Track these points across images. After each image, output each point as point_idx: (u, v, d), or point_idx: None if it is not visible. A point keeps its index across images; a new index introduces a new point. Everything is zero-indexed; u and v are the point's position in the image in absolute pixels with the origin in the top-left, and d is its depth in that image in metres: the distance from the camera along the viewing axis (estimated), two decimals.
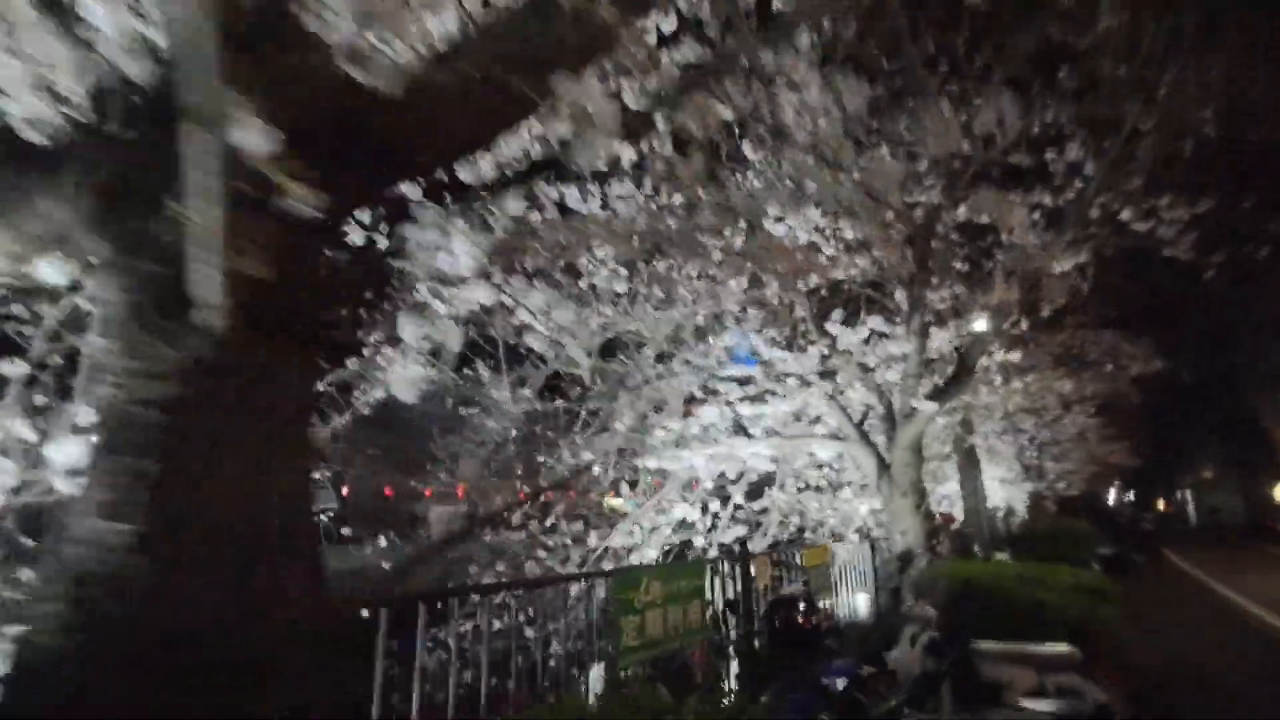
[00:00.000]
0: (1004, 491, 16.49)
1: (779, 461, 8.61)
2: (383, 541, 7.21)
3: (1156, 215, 5.80)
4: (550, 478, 7.01)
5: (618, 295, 5.11)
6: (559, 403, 6.75)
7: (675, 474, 6.82)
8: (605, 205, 4.11)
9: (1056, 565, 6.12)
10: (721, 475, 7.62)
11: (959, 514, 9.94)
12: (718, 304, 5.30)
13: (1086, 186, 5.66)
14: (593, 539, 6.52)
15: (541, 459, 7.13)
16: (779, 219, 4.65)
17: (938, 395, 6.03)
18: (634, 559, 6.29)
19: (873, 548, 6.41)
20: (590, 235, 3.70)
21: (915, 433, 6.19)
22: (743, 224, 4.30)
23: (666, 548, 7.01)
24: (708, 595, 3.74)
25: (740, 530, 7.50)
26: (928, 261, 5.78)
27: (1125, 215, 5.75)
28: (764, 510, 8.82)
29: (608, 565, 6.21)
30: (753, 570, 4.02)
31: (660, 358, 6.21)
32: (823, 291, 7.01)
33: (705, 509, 7.02)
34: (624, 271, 4.70)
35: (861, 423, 7.09)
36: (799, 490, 9.42)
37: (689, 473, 6.63)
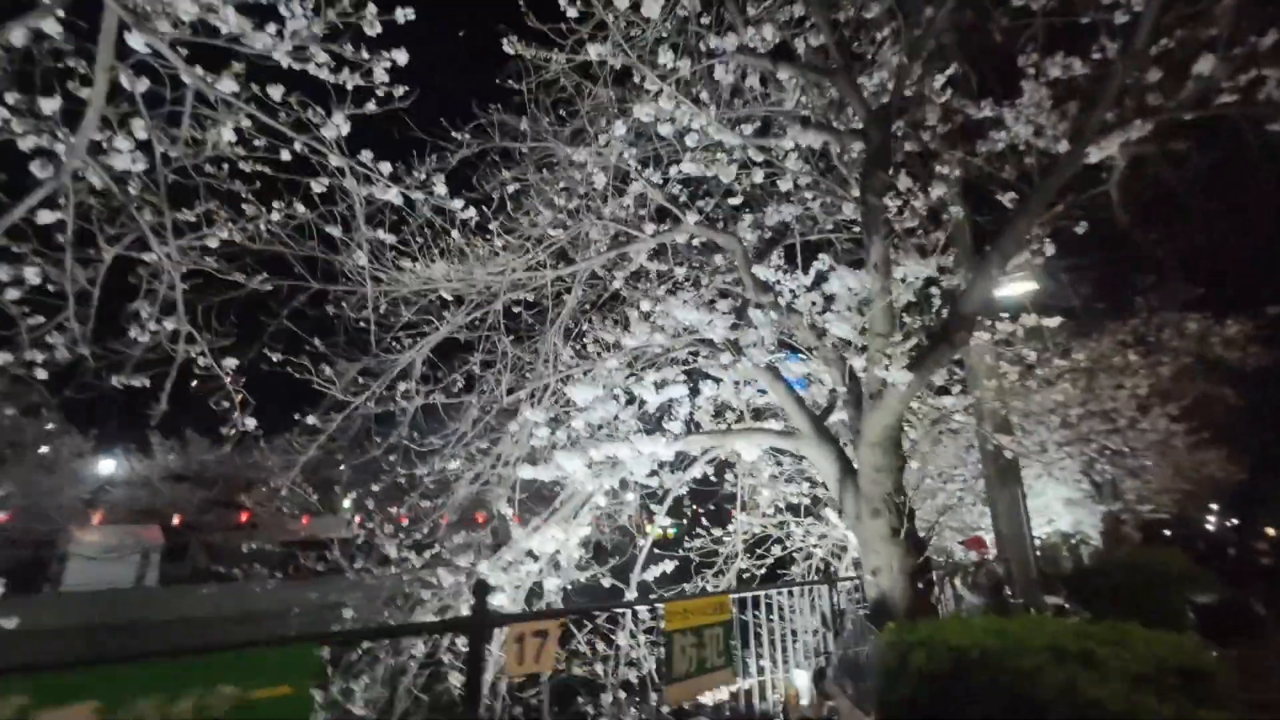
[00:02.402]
0: (1070, 515, 13.65)
1: (741, 475, 6.61)
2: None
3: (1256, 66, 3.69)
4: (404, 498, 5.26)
5: None
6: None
7: (572, 488, 4.92)
8: None
9: (1126, 623, 3.87)
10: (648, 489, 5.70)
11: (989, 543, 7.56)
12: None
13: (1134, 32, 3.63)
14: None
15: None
16: None
17: (918, 362, 3.96)
18: (499, 599, 4.39)
19: (833, 588, 4.33)
20: None
21: (888, 421, 4.11)
22: None
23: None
24: None
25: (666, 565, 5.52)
26: (887, 151, 3.80)
27: (1202, 69, 3.66)
28: (720, 538, 6.80)
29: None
30: (493, 648, 2.15)
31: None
32: (763, 232, 5.09)
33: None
34: None
35: (825, 414, 5.05)
36: (776, 510, 7.34)
37: (579, 486, 4.71)
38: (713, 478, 6.88)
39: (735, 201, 4.71)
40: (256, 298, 4.31)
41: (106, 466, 24.38)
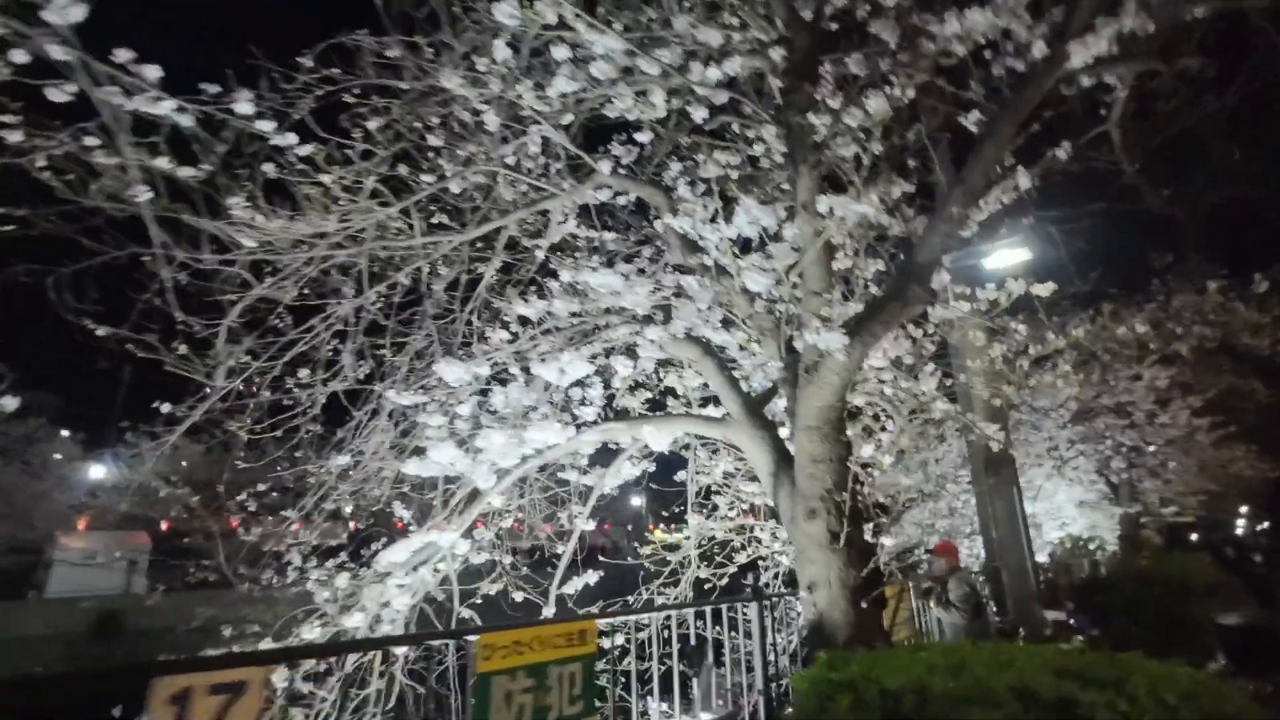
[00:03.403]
0: (1085, 518, 12.64)
1: (691, 474, 5.83)
2: None
3: None
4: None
5: None
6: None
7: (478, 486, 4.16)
8: None
9: (1130, 653, 3.03)
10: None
11: (972, 552, 6.69)
12: None
13: None
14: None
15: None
16: None
17: (860, 324, 3.16)
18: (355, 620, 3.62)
19: (766, 610, 3.54)
20: None
21: (826, 400, 3.32)
22: None
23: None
24: None
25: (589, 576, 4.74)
26: (813, 60, 3.03)
27: None
28: (672, 545, 6.00)
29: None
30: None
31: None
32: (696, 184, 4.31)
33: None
34: None
35: (766, 399, 4.26)
36: (743, 512, 6.54)
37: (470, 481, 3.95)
38: (679, 477, 6.13)
39: (643, 138, 3.92)
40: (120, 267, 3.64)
41: (96, 471, 24.08)
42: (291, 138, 3.00)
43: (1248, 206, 7.12)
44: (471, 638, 2.13)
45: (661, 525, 7.48)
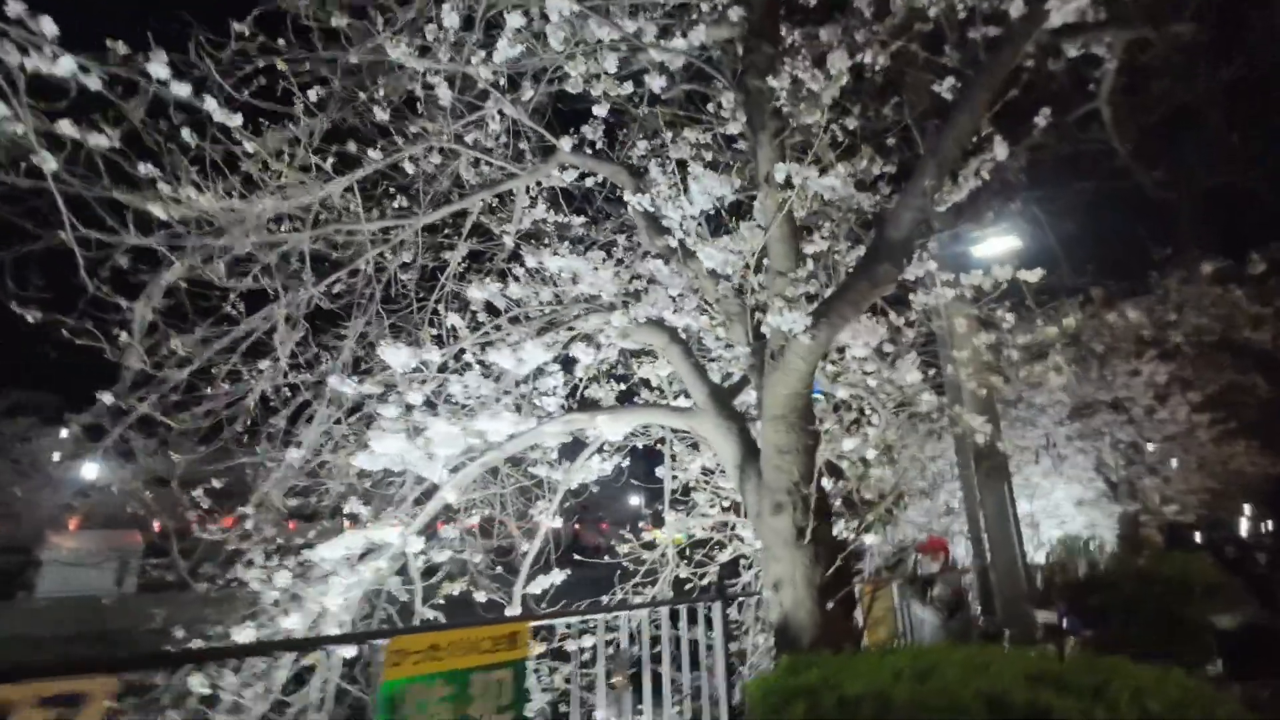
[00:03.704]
0: (1084, 517, 12.39)
1: (668, 469, 5.62)
2: None
3: None
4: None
5: None
6: None
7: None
8: None
9: (1118, 656, 2.82)
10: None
11: (963, 551, 6.48)
12: None
13: None
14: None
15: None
16: None
17: (827, 305, 2.96)
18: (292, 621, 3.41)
19: (733, 607, 3.34)
20: None
21: (793, 387, 3.11)
22: None
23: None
24: None
25: (555, 576, 4.53)
26: (774, 18, 2.82)
27: None
28: (649, 543, 5.79)
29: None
30: None
31: None
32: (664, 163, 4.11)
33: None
34: None
35: (737, 389, 4.05)
36: (724, 509, 6.33)
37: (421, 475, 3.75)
38: (659, 473, 5.92)
39: (600, 111, 3.71)
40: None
41: (90, 470, 23.93)
42: (211, 104, 2.80)
43: (1244, 192, 6.88)
44: (380, 642, 1.93)
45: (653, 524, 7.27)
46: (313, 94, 3.33)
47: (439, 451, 3.25)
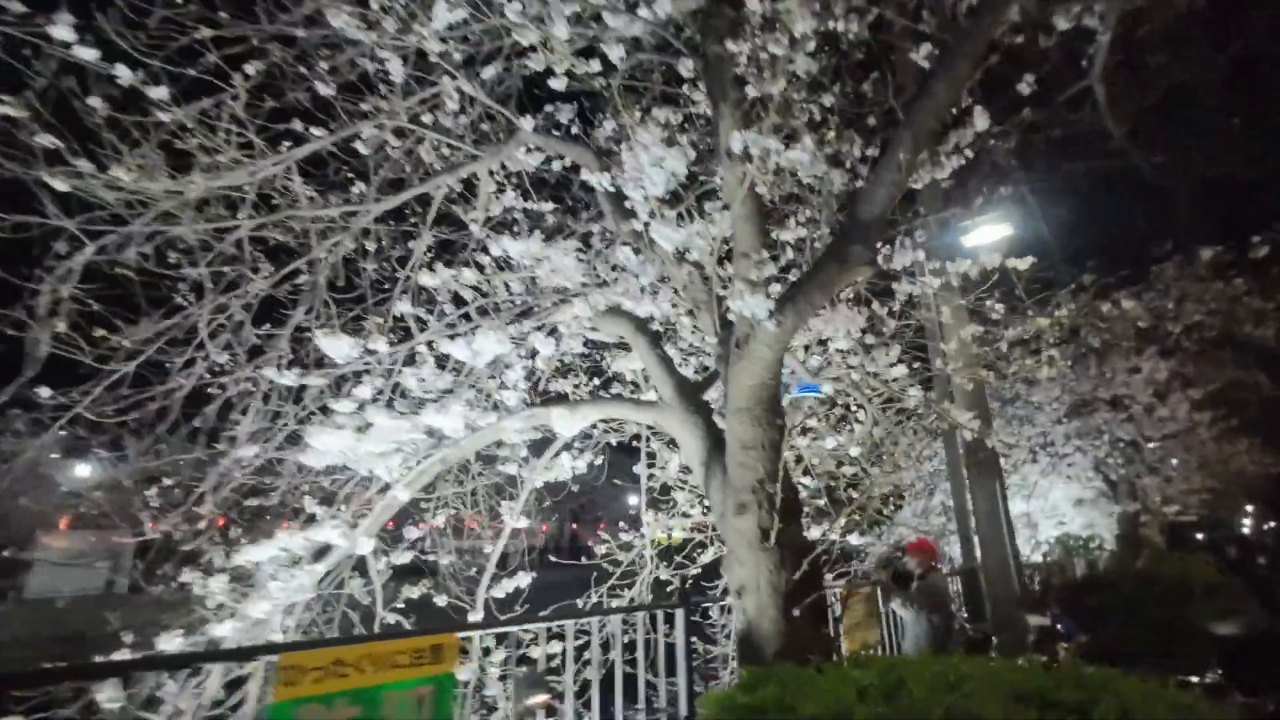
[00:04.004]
0: (1082, 517, 12.17)
1: (644, 467, 5.41)
2: None
3: None
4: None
5: None
6: None
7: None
8: None
9: (1105, 671, 2.61)
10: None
11: (958, 551, 6.24)
12: None
13: None
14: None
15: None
16: None
17: (794, 289, 2.75)
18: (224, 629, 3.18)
19: (696, 616, 3.13)
20: None
21: (759, 378, 2.90)
22: None
23: None
24: None
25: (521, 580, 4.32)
26: None
27: None
28: (626, 544, 5.59)
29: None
30: None
31: None
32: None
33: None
34: None
35: (707, 383, 3.84)
36: (705, 509, 6.11)
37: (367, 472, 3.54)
38: (636, 470, 5.72)
39: (557, 85, 3.49)
40: None
41: (82, 470, 23.71)
42: (124, 71, 2.59)
43: (1244, 184, 6.65)
44: (271, 658, 1.73)
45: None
46: (251, 68, 3.11)
47: (383, 448, 3.04)
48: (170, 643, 2.90)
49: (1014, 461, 12.12)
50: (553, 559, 5.28)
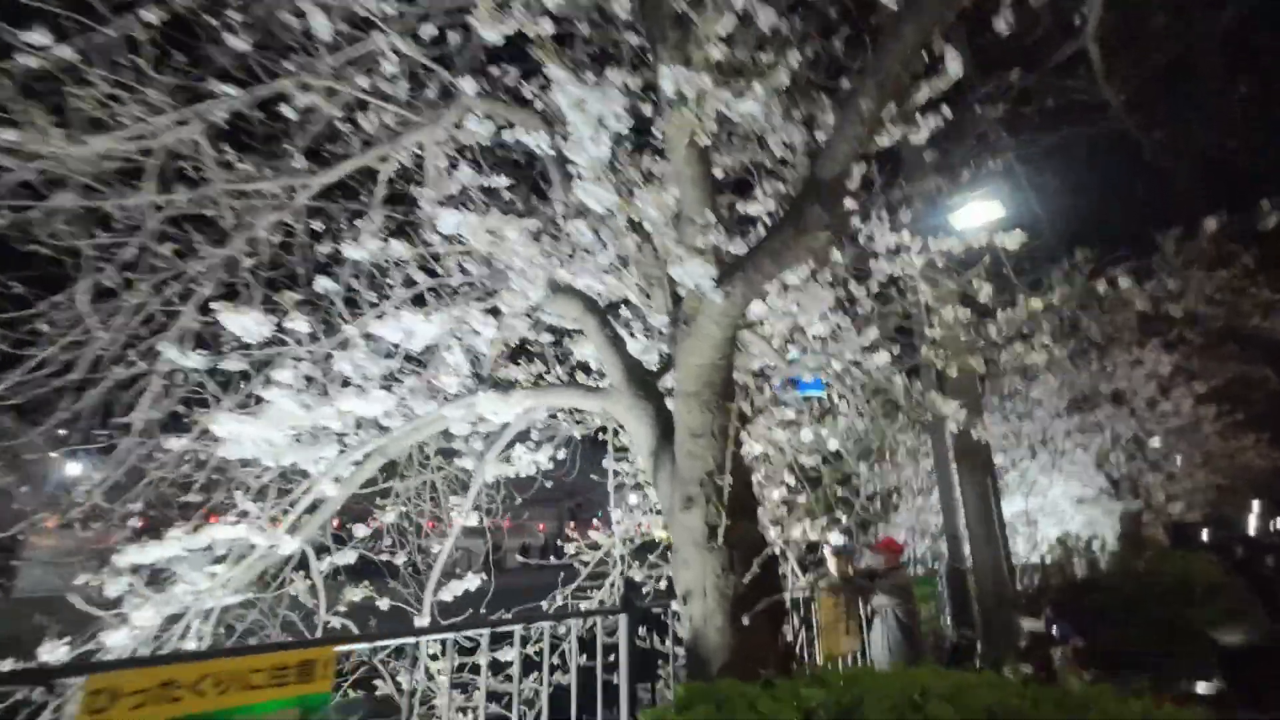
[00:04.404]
0: (1083, 515, 11.82)
1: (612, 462, 5.11)
2: None
3: None
4: None
5: None
6: None
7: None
8: None
9: (1092, 688, 2.31)
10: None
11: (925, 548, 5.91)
12: None
13: None
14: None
15: None
16: None
17: (745, 259, 2.45)
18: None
19: (640, 622, 2.83)
20: None
21: (707, 356, 2.60)
22: None
23: None
24: None
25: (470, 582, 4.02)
26: None
27: None
28: (593, 544, 5.29)
29: None
30: None
31: None
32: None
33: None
34: None
35: (665, 368, 3.54)
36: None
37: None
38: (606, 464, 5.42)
39: (491, 36, 3.18)
40: None
41: (73, 469, 23.57)
42: None
43: (1247, 164, 6.29)
44: (77, 679, 1.43)
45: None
46: (152, 14, 2.82)
47: (269, 433, 2.74)
48: (55, 652, 2.61)
49: (1012, 458, 11.80)
50: (520, 559, 4.99)
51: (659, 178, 2.91)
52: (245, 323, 2.71)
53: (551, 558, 5.58)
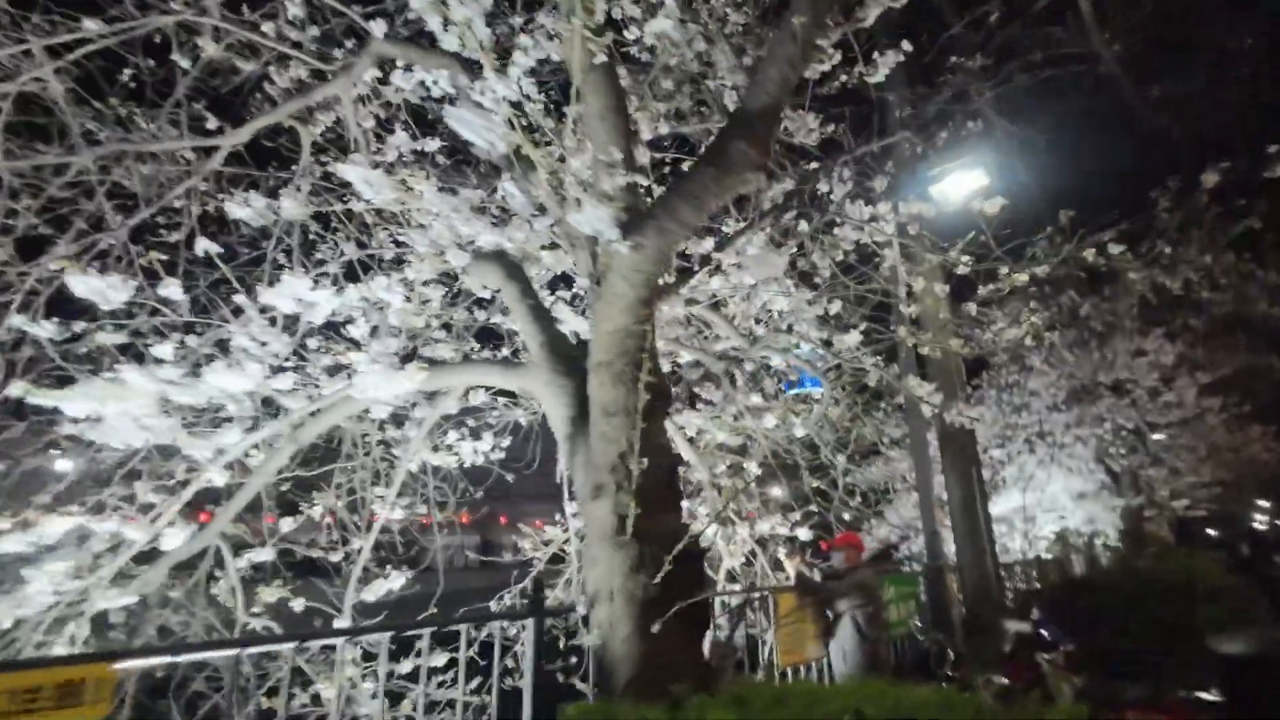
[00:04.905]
0: (1083, 510, 11.41)
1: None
2: None
3: None
4: None
5: None
6: None
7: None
8: None
9: (1071, 709, 1.94)
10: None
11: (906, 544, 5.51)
12: None
13: None
14: None
15: None
16: None
17: (659, 203, 2.09)
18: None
19: (549, 625, 2.49)
20: None
21: (619, 320, 2.24)
22: None
23: None
24: None
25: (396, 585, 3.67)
26: None
27: None
28: (547, 540, 4.93)
29: None
30: None
31: None
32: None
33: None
34: None
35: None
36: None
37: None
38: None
39: None
40: None
41: (64, 464, 23.35)
42: None
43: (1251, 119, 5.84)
44: None
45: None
46: None
47: (115, 413, 2.39)
48: None
49: (1009, 452, 11.40)
50: (482, 559, 4.64)
51: (577, 120, 2.54)
52: (97, 285, 2.36)
53: (508, 555, 5.24)
